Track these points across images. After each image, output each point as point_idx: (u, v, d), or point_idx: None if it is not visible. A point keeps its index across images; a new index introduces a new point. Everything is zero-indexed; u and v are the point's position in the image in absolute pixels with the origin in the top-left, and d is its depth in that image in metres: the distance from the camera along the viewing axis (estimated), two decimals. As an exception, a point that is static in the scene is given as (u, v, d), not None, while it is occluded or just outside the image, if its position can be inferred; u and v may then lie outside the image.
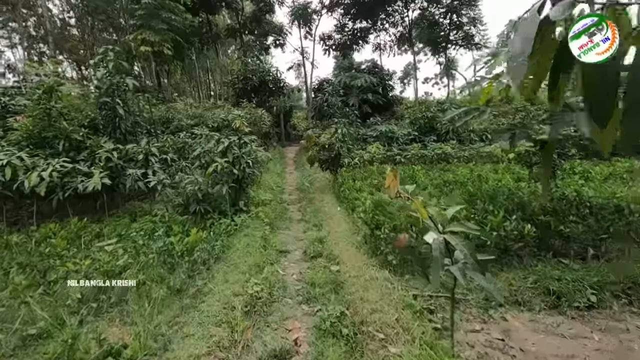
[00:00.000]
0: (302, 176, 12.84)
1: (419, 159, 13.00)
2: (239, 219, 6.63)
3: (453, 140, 15.02)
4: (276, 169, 13.82)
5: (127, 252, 5.20)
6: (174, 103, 17.30)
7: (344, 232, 6.27)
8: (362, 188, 8.55)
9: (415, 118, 16.97)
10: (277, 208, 7.95)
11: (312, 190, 10.02)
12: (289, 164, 16.76)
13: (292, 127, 27.22)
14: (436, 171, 11.01)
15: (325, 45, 27.87)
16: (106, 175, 6.41)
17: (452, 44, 28.01)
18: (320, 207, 8.02)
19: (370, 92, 20.50)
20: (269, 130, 17.63)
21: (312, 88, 26.87)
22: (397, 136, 15.33)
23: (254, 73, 20.19)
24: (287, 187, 11.16)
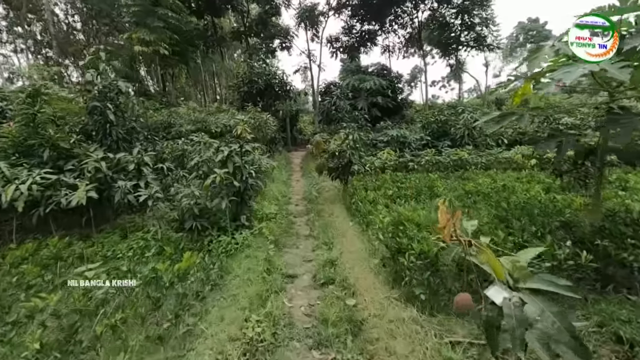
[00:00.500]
0: (309, 184, 12.13)
1: (434, 165, 12.20)
2: (240, 237, 5.93)
3: (469, 146, 14.19)
4: (282, 177, 13.13)
5: (110, 278, 4.53)
6: (177, 107, 16.74)
7: (359, 252, 5.52)
8: (376, 200, 7.80)
9: (427, 122, 16.18)
10: (282, 222, 7.23)
11: (321, 200, 9.29)
12: (295, 170, 16.07)
13: (298, 132, 26.62)
14: (454, 179, 10.21)
15: (332, 48, 27.27)
16: (93, 187, 5.76)
17: (462, 45, 27.21)
18: (330, 221, 7.28)
19: (379, 95, 19.77)
20: (275, 135, 16.98)
21: (319, 91, 26.24)
22: (409, 141, 14.55)
23: (259, 76, 19.62)
24: (293, 197, 10.45)
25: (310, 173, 14.26)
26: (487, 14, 25.25)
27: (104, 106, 6.41)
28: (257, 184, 6.45)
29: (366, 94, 19.88)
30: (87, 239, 6.24)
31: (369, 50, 27.36)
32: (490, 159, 12.70)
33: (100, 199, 6.19)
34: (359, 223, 6.96)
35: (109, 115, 6.34)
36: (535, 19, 75.13)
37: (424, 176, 10.85)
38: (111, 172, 6.13)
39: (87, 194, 5.41)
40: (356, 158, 8.22)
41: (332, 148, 8.25)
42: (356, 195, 8.21)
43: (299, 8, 26.36)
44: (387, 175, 10.45)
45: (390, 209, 7.19)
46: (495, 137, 16.09)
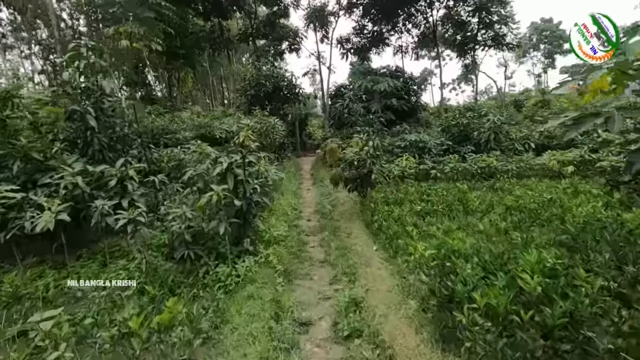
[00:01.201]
0: (321, 194, 11.05)
1: (459, 174, 11.02)
2: (243, 266, 4.88)
3: (495, 151, 12.95)
4: (291, 186, 12.08)
5: (73, 329, 3.54)
6: (181, 112, 15.89)
7: (389, 290, 4.41)
8: (402, 217, 6.67)
9: (448, 125, 14.98)
10: (293, 245, 6.16)
11: (336, 215, 8.20)
12: (305, 178, 15.02)
13: (307, 136, 25.65)
14: (486, 190, 9.02)
15: (342, 49, 26.24)
16: (68, 207, 4.79)
17: (479, 44, 25.94)
18: (349, 244, 6.18)
19: (393, 97, 18.65)
20: (284, 141, 15.99)
21: (329, 94, 25.22)
22: (429, 146, 13.37)
23: (267, 78, 18.70)
24: (304, 210, 9.38)
25: (322, 181, 13.22)
26: (506, 12, 23.97)
27: (84, 110, 5.47)
28: (263, 201, 5.41)
29: (379, 96, 18.78)
30: (62, 267, 5.28)
31: (381, 51, 26.31)
32: (521, 165, 11.46)
33: (78, 220, 5.23)
34: (384, 247, 5.84)
35: (89, 121, 5.39)
36: (549, 19, 73.16)
37: (450, 186, 9.68)
38: (90, 188, 5.16)
39: (56, 217, 4.43)
40: (377, 168, 7.13)
41: (349, 156, 7.18)
42: (378, 212, 7.10)
43: (308, 8, 25.47)
44: (410, 187, 9.31)
45: (420, 229, 6.07)
46: (522, 142, 14.81)
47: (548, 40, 65.86)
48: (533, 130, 17.25)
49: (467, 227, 6.35)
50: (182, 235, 4.51)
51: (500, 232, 5.87)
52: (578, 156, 11.58)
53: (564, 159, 11.51)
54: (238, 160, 4.90)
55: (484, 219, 6.67)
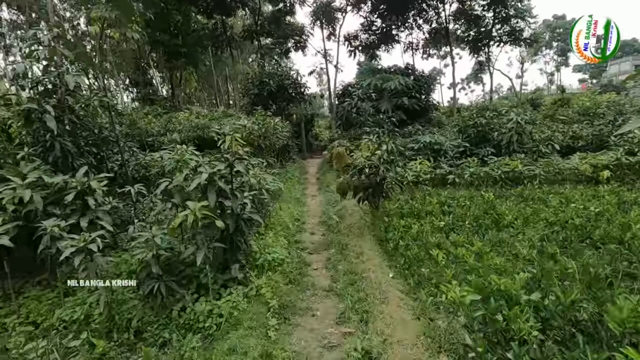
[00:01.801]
0: (327, 202, 10.06)
1: (481, 179, 9.91)
2: (228, 303, 3.91)
3: (520, 154, 11.79)
4: (295, 192, 11.11)
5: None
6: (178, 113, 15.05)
7: (414, 340, 3.39)
8: (422, 234, 5.63)
9: (465, 125, 13.85)
10: (292, 269, 5.16)
11: (343, 228, 7.20)
12: (310, 182, 14.04)
13: (314, 137, 24.71)
14: (515, 200, 7.92)
15: (350, 46, 25.21)
16: (14, 228, 3.89)
17: (494, 40, 24.69)
18: (360, 268, 5.17)
19: (405, 96, 17.55)
20: (288, 142, 15.04)
21: (336, 94, 24.21)
22: (445, 149, 12.28)
23: (270, 77, 17.76)
24: (308, 220, 8.39)
25: (328, 186, 12.24)
26: (523, 5, 22.69)
27: (42, 110, 4.57)
28: (254, 219, 4.44)
29: (389, 95, 17.70)
30: (17, 297, 4.39)
31: (391, 48, 25.20)
32: (549, 170, 10.31)
33: (33, 241, 4.33)
34: (402, 274, 4.81)
35: (48, 123, 4.49)
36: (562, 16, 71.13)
37: (473, 194, 8.60)
38: (46, 203, 4.24)
39: (-5, 242, 3.52)
40: (392, 175, 6.11)
41: (359, 162, 6.16)
42: (393, 227, 6.07)
43: (314, 4, 24.53)
44: (427, 195, 8.25)
45: (445, 250, 5.04)
46: (545, 143, 13.61)
47: (561, 37, 63.89)
48: (555, 131, 16.04)
49: (500, 247, 5.31)
50: (148, 266, 3.56)
51: (545, 255, 4.81)
52: (613, 159, 10.38)
53: (598, 163, 10.33)
54: (222, 170, 3.93)
55: (519, 237, 5.61)
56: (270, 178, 6.46)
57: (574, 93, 40.68)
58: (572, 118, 18.72)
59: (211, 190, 3.85)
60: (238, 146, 4.33)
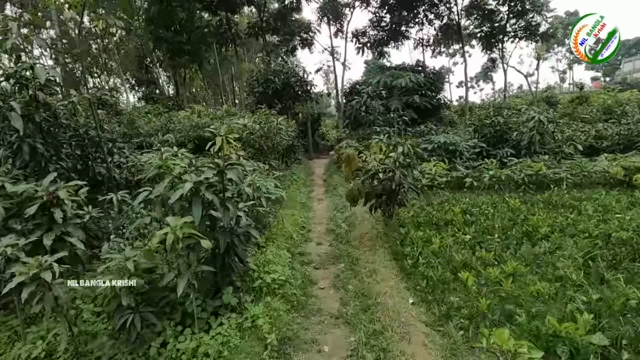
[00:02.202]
0: (335, 207, 9.36)
1: (502, 183, 9.12)
2: (217, 337, 3.26)
3: (542, 155, 10.95)
4: (300, 195, 10.44)
5: None
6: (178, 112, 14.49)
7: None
8: (444, 249, 4.91)
9: (480, 125, 13.03)
10: (296, 290, 4.49)
11: (353, 238, 6.50)
12: (317, 184, 13.36)
13: (320, 137, 24.03)
14: (543, 207, 7.13)
15: (358, 43, 24.45)
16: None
17: (509, 36, 23.71)
18: (374, 289, 4.47)
19: (416, 94, 16.76)
20: (293, 142, 14.38)
21: (344, 92, 23.49)
22: (461, 149, 11.49)
23: (276, 74, 17.12)
24: (314, 228, 7.71)
25: (336, 189, 11.56)
26: (540, -2, 21.70)
27: (8, 107, 3.96)
28: (250, 235, 3.78)
29: (399, 92, 16.93)
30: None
31: (400, 45, 24.35)
32: (576, 172, 9.48)
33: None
34: (424, 299, 4.10)
35: (13, 122, 3.87)
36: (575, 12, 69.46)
37: (495, 199, 7.84)
38: (7, 216, 3.64)
39: None
40: (409, 181, 5.40)
41: (372, 166, 5.45)
42: (410, 240, 5.37)
43: (321, 0, 23.81)
44: (446, 201, 7.51)
45: (472, 268, 4.32)
46: (566, 143, 12.73)
47: (574, 34, 62.16)
48: (576, 130, 15.12)
49: (538, 266, 4.57)
50: (118, 297, 2.92)
51: (593, 277, 4.06)
52: (647, 161, 9.53)
53: (630, 165, 9.47)
54: (211, 178, 3.28)
55: (557, 253, 4.86)
56: (272, 184, 5.80)
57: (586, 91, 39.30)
58: (594, 117, 17.72)
59: (197, 203, 3.19)
60: (231, 149, 3.67)
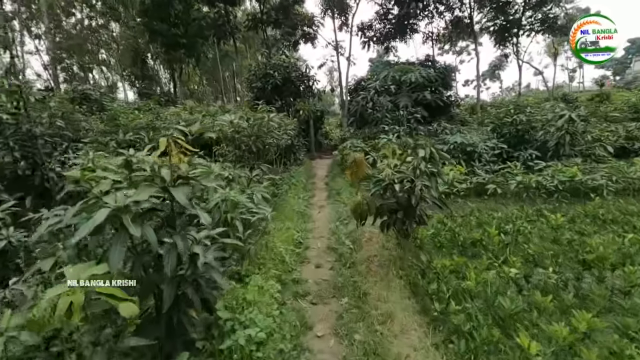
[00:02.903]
0: (338, 216, 8.16)
1: (531, 190, 7.89)
2: None
3: (573, 157, 9.68)
4: (298, 203, 9.25)
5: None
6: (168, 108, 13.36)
7: None
8: (487, 294, 3.70)
9: (501, 123, 11.76)
10: (284, 344, 3.30)
11: (359, 261, 5.30)
12: (318, 187, 12.18)
13: (323, 136, 22.85)
14: (590, 222, 5.88)
15: (364, 37, 23.14)
16: None
17: (524, 29, 22.34)
18: (391, 348, 3.28)
19: (426, 90, 15.48)
20: (293, 142, 13.21)
21: (348, 89, 22.24)
22: (480, 151, 10.25)
23: (276, 69, 15.92)
24: (312, 244, 6.50)
25: (339, 194, 10.38)
26: (558, -11, 20.32)
27: None
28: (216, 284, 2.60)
29: (408, 88, 15.65)
30: None
31: (408, 39, 23.03)
32: (617, 179, 8.22)
33: None
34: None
35: None
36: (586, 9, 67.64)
37: (527, 211, 6.60)
38: None
39: None
40: (432, 193, 4.20)
41: (386, 174, 4.23)
42: (434, 272, 4.15)
43: (325, -8, 22.55)
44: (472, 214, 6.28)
45: (527, 320, 3.12)
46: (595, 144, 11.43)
47: (585, 32, 60.46)
48: (604, 130, 13.79)
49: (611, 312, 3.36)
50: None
51: None
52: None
53: (681, 171, 8.21)
54: (143, 202, 2.10)
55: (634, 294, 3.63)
56: (259, 195, 4.61)
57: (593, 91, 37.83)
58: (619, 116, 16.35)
59: (118, 242, 2.00)
60: (179, 154, 2.50)
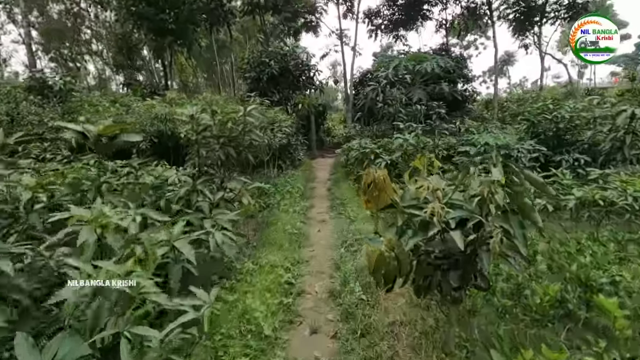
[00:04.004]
0: (343, 239, 6.27)
1: (596, 209, 6.01)
2: None
3: (635, 165, 7.78)
4: (292, 217, 7.42)
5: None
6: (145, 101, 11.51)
7: None
8: None
9: (537, 121, 9.81)
10: None
11: (377, 328, 3.48)
12: (318, 193, 10.34)
13: (325, 133, 21.01)
14: None
15: (371, 25, 21.13)
16: None
17: (547, 17, 20.29)
18: None
19: (445, 82, 13.52)
20: (290, 140, 11.36)
21: (353, 82, 20.29)
22: (517, 155, 8.35)
23: (272, 57, 14.02)
24: (307, 288, 4.66)
25: (344, 205, 8.59)
26: (588, -29, 18.23)
27: None
28: None
29: (422, 80, 13.70)
30: None
31: (419, 27, 21.00)
32: None
33: None
34: None
35: None
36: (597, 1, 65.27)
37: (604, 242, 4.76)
38: None
39: None
40: (519, 246, 2.38)
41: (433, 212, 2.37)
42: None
43: (329, -25, 20.54)
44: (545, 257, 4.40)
45: None
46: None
47: (599, 26, 57.96)
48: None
49: None
50: None
51: None
52: None
53: None
54: None
55: None
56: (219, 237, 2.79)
57: (605, 87, 35.60)
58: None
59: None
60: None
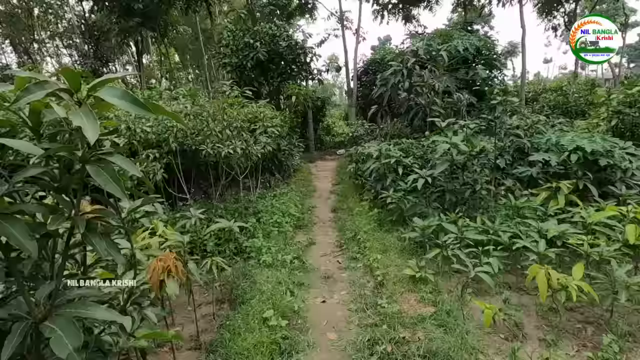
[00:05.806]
0: (366, 320, 3.48)
1: None
2: None
3: None
4: (281, 272, 4.52)
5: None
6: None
7: None
8: None
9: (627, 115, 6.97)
10: None
11: None
12: (321, 219, 7.47)
13: (325, 131, 18.27)
14: None
15: (376, 5, 18.18)
16: None
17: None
18: None
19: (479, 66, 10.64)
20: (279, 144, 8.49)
21: (356, 71, 17.37)
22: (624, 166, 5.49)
23: (259, 38, 11.11)
24: None
25: (360, 240, 5.80)
26: None
27: None
28: None
29: (449, 63, 10.75)
30: None
31: (433, 5, 18.05)
32: None
33: None
34: None
35: None
36: (610, -6, 62.43)
37: None
38: None
39: None
40: None
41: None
42: None
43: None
44: None
45: None
46: None
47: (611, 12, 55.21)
48: None
49: None
50: None
51: None
52: None
53: None
54: None
55: None
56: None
57: (607, 78, 33.12)
58: None
59: None
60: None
